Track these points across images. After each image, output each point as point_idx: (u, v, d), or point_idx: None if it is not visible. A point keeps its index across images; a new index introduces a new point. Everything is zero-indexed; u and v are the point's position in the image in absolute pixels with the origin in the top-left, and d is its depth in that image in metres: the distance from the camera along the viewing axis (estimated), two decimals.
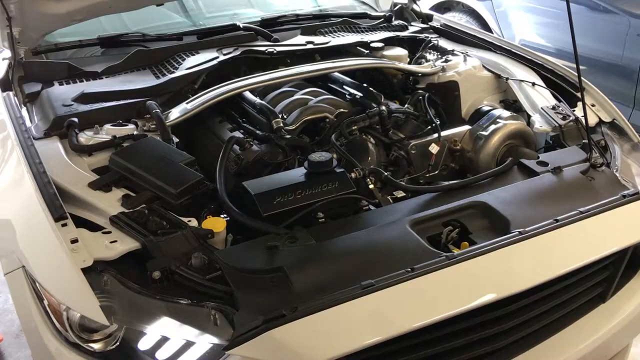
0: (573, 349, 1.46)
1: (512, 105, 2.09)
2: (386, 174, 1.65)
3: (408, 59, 2.31)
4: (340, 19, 2.51)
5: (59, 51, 2.19)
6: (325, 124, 1.86)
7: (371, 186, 1.60)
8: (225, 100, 1.82)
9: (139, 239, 1.29)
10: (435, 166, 1.82)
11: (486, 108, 2.07)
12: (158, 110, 1.74)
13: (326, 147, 1.76)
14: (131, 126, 1.72)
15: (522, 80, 2.09)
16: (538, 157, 1.71)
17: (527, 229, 1.37)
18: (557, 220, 1.41)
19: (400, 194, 1.63)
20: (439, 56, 2.31)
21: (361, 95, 2.00)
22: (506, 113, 1.92)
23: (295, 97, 1.98)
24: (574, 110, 1.90)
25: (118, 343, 1.17)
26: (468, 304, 1.22)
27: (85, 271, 1.18)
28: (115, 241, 1.28)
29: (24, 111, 1.82)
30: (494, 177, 1.64)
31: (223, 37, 2.26)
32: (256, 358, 1.10)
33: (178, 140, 1.69)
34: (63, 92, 1.86)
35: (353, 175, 1.58)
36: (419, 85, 2.20)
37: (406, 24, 2.62)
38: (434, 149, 1.82)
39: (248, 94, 1.97)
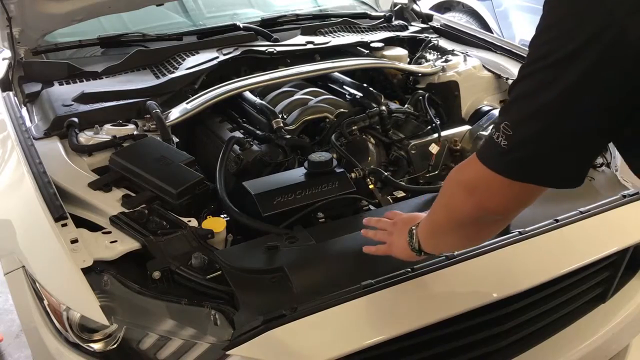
0: (573, 349, 1.46)
1: None
2: (386, 174, 1.65)
3: (408, 59, 2.31)
4: (340, 19, 2.51)
5: (59, 51, 2.19)
6: (325, 124, 1.86)
7: (371, 186, 1.60)
8: (225, 100, 1.82)
9: (139, 239, 1.29)
10: (435, 166, 1.82)
11: (486, 108, 2.07)
12: (158, 110, 1.74)
13: (326, 147, 1.75)
14: (131, 126, 1.72)
15: None
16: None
17: (527, 229, 1.37)
18: (557, 220, 1.41)
19: (400, 194, 1.63)
20: (439, 56, 2.31)
21: (361, 95, 2.00)
22: None
23: (295, 97, 1.98)
24: None
25: (118, 343, 1.17)
26: (468, 304, 1.23)
27: (85, 271, 1.18)
28: (115, 241, 1.28)
29: (24, 111, 1.82)
30: None
31: (223, 37, 2.26)
32: (256, 358, 1.10)
33: (178, 140, 1.69)
34: (63, 92, 1.86)
35: (353, 175, 1.58)
36: (419, 85, 2.20)
37: (406, 24, 2.62)
38: (434, 149, 1.82)
39: (248, 94, 1.97)
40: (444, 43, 2.44)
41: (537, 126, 0.79)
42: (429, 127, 1.91)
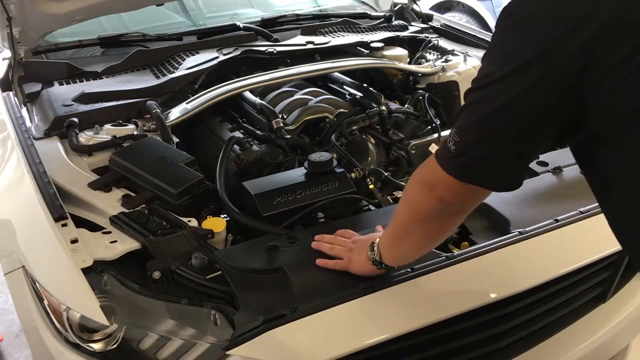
0: (573, 349, 1.46)
1: None
2: (386, 174, 1.65)
3: (408, 59, 2.31)
4: (340, 19, 2.51)
5: (59, 51, 2.19)
6: (325, 124, 1.86)
7: (371, 186, 1.60)
8: (225, 100, 1.82)
9: (139, 239, 1.29)
10: None
11: None
12: (158, 110, 1.74)
13: (326, 147, 1.76)
14: (131, 126, 1.72)
15: None
16: (538, 157, 1.71)
17: (527, 229, 1.37)
18: (557, 220, 1.41)
19: (400, 194, 1.63)
20: (439, 56, 2.32)
21: (361, 95, 2.00)
22: None
23: (295, 97, 1.98)
24: None
25: (118, 343, 1.17)
26: (468, 304, 1.22)
27: (85, 271, 1.18)
28: (115, 241, 1.28)
29: (24, 111, 1.82)
30: None
31: (223, 37, 2.26)
32: (256, 358, 1.10)
33: (178, 140, 1.69)
34: (63, 92, 1.86)
35: (353, 175, 1.58)
36: (419, 85, 2.20)
37: (406, 24, 2.62)
38: (434, 149, 1.81)
39: (248, 94, 1.97)
40: (444, 43, 2.44)
41: (478, 134, 0.87)
42: (429, 127, 1.91)
